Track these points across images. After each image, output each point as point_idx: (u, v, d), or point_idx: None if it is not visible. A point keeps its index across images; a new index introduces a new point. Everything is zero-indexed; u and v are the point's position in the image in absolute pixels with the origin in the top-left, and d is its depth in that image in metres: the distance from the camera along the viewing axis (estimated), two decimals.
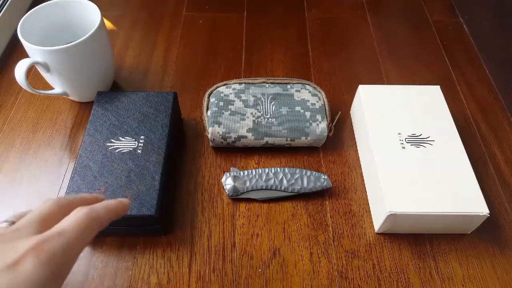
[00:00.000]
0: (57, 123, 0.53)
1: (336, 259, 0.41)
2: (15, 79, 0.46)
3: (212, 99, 0.50)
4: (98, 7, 0.50)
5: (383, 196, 0.40)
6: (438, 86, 0.51)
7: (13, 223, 0.24)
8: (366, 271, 0.41)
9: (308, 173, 0.46)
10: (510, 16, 0.57)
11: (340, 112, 0.52)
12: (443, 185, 0.41)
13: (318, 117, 0.49)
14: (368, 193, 0.46)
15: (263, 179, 0.45)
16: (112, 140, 0.44)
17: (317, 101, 0.50)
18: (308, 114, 0.49)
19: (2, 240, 0.21)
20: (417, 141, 0.45)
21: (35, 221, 0.23)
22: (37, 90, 0.49)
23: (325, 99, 0.51)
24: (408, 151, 0.44)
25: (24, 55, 0.48)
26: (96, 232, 0.24)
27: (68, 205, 0.25)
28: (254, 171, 0.46)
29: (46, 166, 0.48)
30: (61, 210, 0.25)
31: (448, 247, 0.43)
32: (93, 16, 0.50)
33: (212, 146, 0.50)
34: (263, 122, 0.48)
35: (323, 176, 0.46)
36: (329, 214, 0.45)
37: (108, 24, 0.67)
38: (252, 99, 0.50)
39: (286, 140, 0.48)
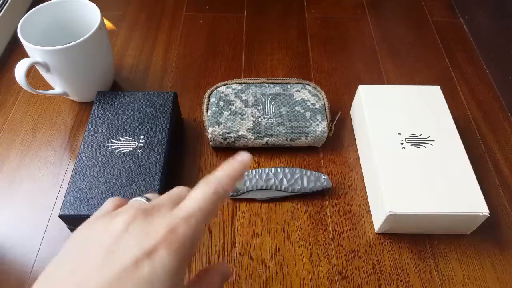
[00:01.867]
0: (57, 123, 0.53)
1: (336, 259, 0.41)
2: (15, 79, 0.46)
3: (212, 99, 0.50)
4: (98, 7, 0.50)
5: (383, 196, 0.40)
6: (438, 86, 0.51)
7: (148, 199, 0.25)
8: (366, 271, 0.41)
9: (308, 173, 0.46)
10: (510, 16, 0.57)
11: (340, 112, 0.52)
12: (443, 185, 0.41)
13: (318, 117, 0.49)
14: (368, 193, 0.46)
15: (263, 179, 0.45)
16: (112, 140, 0.44)
17: (317, 101, 0.50)
18: (308, 114, 0.49)
19: (141, 216, 0.22)
20: (417, 141, 0.45)
21: (169, 201, 0.23)
22: (37, 90, 0.49)
23: (325, 99, 0.51)
24: (408, 151, 0.44)
25: (24, 55, 0.48)
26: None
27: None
28: (254, 171, 0.46)
29: (46, 166, 0.48)
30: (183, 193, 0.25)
31: (448, 247, 0.43)
32: (93, 16, 0.50)
33: (212, 146, 0.50)
34: (263, 122, 0.48)
35: (323, 176, 0.46)
36: (329, 214, 0.45)
37: (108, 24, 0.67)
38: (252, 99, 0.50)
39: (286, 140, 0.48)
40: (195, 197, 0.23)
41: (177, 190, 0.25)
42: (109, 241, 0.21)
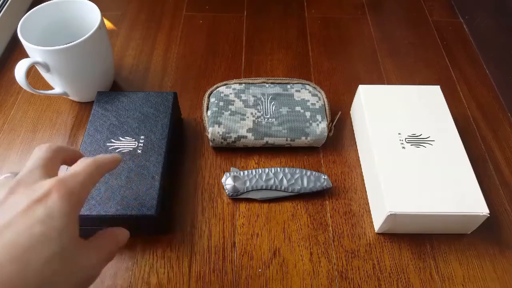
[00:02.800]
0: (57, 123, 0.53)
1: (336, 259, 0.41)
2: (15, 79, 0.46)
3: (212, 99, 0.50)
4: (98, 7, 0.50)
5: (383, 196, 0.40)
6: (438, 86, 0.51)
7: (15, 175, 0.27)
8: (366, 271, 0.41)
9: (308, 173, 0.46)
10: (510, 16, 0.57)
11: (340, 112, 0.52)
12: (443, 185, 0.41)
13: (318, 117, 0.49)
14: (368, 193, 0.46)
15: (263, 179, 0.45)
16: (112, 140, 0.44)
17: (317, 101, 0.50)
18: (308, 114, 0.49)
19: (22, 185, 0.24)
20: (417, 141, 0.45)
21: (41, 165, 0.26)
22: (37, 90, 0.49)
23: (325, 99, 0.51)
24: (408, 151, 0.44)
25: (24, 55, 0.48)
26: (101, 177, 0.29)
27: (59, 151, 0.29)
28: (254, 171, 0.46)
29: None
30: (56, 155, 0.28)
31: (448, 247, 0.43)
32: (93, 16, 0.50)
33: (212, 146, 0.50)
34: (263, 122, 0.48)
35: (323, 176, 0.46)
36: (329, 214, 0.45)
37: (108, 24, 0.67)
38: (252, 99, 0.50)
39: (286, 140, 0.48)
40: (77, 164, 0.27)
41: (41, 153, 0.28)
42: None
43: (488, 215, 0.39)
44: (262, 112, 0.49)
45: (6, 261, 0.21)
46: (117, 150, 0.43)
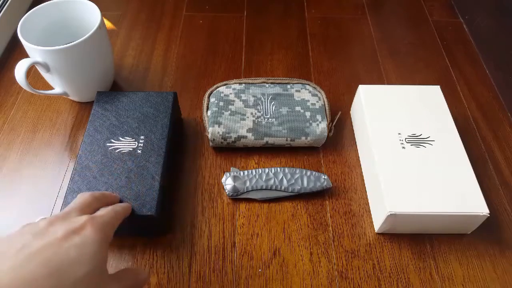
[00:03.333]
0: (57, 123, 0.53)
1: (336, 259, 0.41)
2: (15, 79, 0.46)
3: (212, 99, 0.50)
4: (98, 7, 0.50)
5: (383, 196, 0.40)
6: (438, 86, 0.51)
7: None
8: (366, 271, 0.41)
9: (308, 173, 0.46)
10: (510, 16, 0.57)
11: (340, 112, 0.52)
12: (443, 185, 0.41)
13: (318, 117, 0.49)
14: (368, 193, 0.46)
15: (263, 179, 0.45)
16: (112, 140, 0.44)
17: (317, 101, 0.50)
18: (308, 114, 0.49)
19: (60, 220, 0.28)
20: (417, 141, 0.45)
21: (77, 209, 0.30)
22: (37, 90, 0.49)
23: (325, 99, 0.51)
24: (408, 151, 0.44)
25: (24, 55, 0.48)
26: (120, 220, 0.33)
27: (99, 198, 0.34)
28: (254, 171, 0.46)
29: (46, 166, 0.48)
30: (94, 201, 0.33)
31: (448, 247, 0.43)
32: (93, 16, 0.50)
33: (212, 146, 0.50)
34: (263, 122, 0.48)
35: (323, 176, 0.46)
36: (329, 214, 0.45)
37: (108, 24, 0.67)
38: (252, 99, 0.50)
39: (286, 140, 0.48)
40: (102, 209, 0.32)
41: (82, 197, 0.33)
42: (34, 230, 0.26)
43: (488, 215, 0.39)
44: (262, 112, 0.49)
45: (42, 276, 0.23)
46: (117, 150, 0.43)
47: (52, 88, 0.52)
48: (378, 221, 0.42)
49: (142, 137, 0.45)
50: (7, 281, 0.22)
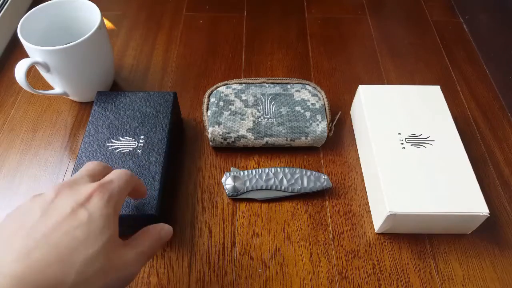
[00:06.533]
0: (57, 123, 0.53)
1: (336, 259, 0.41)
2: (15, 79, 0.46)
3: (212, 99, 0.50)
4: (98, 7, 0.50)
5: (383, 196, 0.40)
6: (438, 86, 0.51)
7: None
8: (366, 271, 0.41)
9: (308, 173, 0.46)
10: (510, 16, 0.57)
11: (340, 112, 0.52)
12: (443, 185, 0.41)
13: (318, 117, 0.49)
14: (368, 193, 0.46)
15: (263, 179, 0.45)
16: (112, 140, 0.44)
17: (317, 101, 0.50)
18: (308, 114, 0.49)
19: (67, 188, 0.27)
20: (417, 141, 0.45)
21: (85, 175, 0.29)
22: (37, 90, 0.49)
23: (325, 99, 0.51)
24: (408, 151, 0.44)
25: (24, 55, 0.48)
26: (130, 188, 0.31)
27: (106, 167, 0.32)
28: (254, 171, 0.46)
29: (46, 166, 0.48)
30: (103, 169, 0.31)
31: (448, 247, 0.43)
32: (93, 16, 0.50)
33: (212, 146, 0.50)
34: (263, 122, 0.48)
35: (323, 176, 0.46)
36: (329, 214, 0.45)
37: (108, 24, 0.67)
38: (252, 99, 0.50)
39: (286, 140, 0.48)
40: (112, 173, 0.30)
41: (90, 165, 0.31)
42: (40, 205, 0.25)
43: (488, 215, 0.39)
44: (262, 112, 0.49)
45: (53, 261, 0.23)
46: (117, 150, 0.43)
47: (52, 88, 0.52)
48: (378, 221, 0.42)
49: (142, 137, 0.45)
50: (20, 270, 0.22)
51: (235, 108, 0.49)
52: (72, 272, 0.24)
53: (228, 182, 0.45)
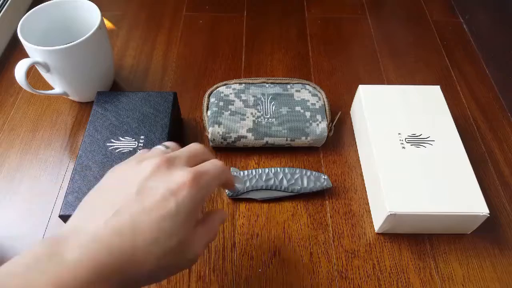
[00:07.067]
0: (57, 123, 0.53)
1: (336, 259, 0.41)
2: (15, 79, 0.46)
3: (212, 99, 0.50)
4: (98, 7, 0.50)
5: (383, 196, 0.40)
6: (438, 86, 0.51)
7: (166, 147, 0.32)
8: (366, 271, 0.41)
9: (308, 173, 0.46)
10: (510, 16, 0.57)
11: (340, 112, 0.52)
12: (443, 185, 0.41)
13: (318, 117, 0.49)
14: (368, 193, 0.46)
15: (263, 179, 0.45)
16: (112, 140, 0.44)
17: (317, 101, 0.50)
18: (308, 114, 0.49)
19: (164, 167, 0.27)
20: (417, 141, 0.45)
21: (186, 156, 0.30)
22: (37, 90, 0.49)
23: (325, 99, 0.51)
24: (408, 151, 0.44)
25: (24, 55, 0.48)
26: (222, 181, 0.31)
27: (207, 153, 0.32)
28: (254, 171, 0.46)
29: (46, 166, 0.48)
30: (203, 155, 0.31)
31: (448, 247, 0.43)
32: (93, 16, 0.50)
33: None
34: (263, 122, 0.48)
35: (323, 176, 0.46)
36: (329, 214, 0.45)
37: (108, 24, 0.67)
38: (252, 99, 0.50)
39: (286, 140, 0.48)
40: (209, 162, 0.30)
41: (195, 147, 0.32)
42: (140, 177, 0.27)
43: (488, 215, 0.39)
44: (262, 112, 0.49)
45: (140, 245, 0.24)
46: (117, 150, 0.43)
47: (52, 88, 0.52)
48: (378, 221, 0.42)
49: (142, 137, 0.45)
50: (108, 240, 0.24)
51: (235, 108, 0.49)
52: (151, 259, 0.25)
53: None
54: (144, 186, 0.26)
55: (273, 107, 0.49)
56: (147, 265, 0.25)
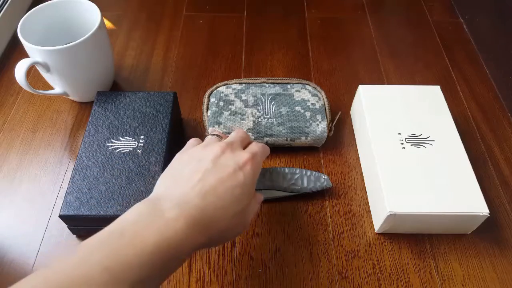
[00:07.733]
0: (57, 123, 0.53)
1: (336, 259, 0.41)
2: (15, 79, 0.46)
3: (212, 99, 0.50)
4: (98, 7, 0.50)
5: (383, 196, 0.40)
6: (438, 86, 0.51)
7: (217, 135, 0.38)
8: (366, 271, 0.41)
9: (308, 173, 0.46)
10: (510, 16, 0.57)
11: (340, 112, 0.52)
12: (443, 185, 0.41)
13: (318, 117, 0.49)
14: (368, 193, 0.46)
15: (263, 179, 0.45)
16: (112, 140, 0.44)
17: (317, 101, 0.50)
18: (308, 114, 0.49)
19: (229, 149, 0.34)
20: (417, 141, 0.45)
21: (240, 141, 0.36)
22: (37, 90, 0.49)
23: (325, 99, 0.51)
24: (408, 151, 0.44)
25: (24, 55, 0.48)
26: (263, 159, 0.37)
27: (248, 137, 0.39)
28: None
29: (46, 166, 0.48)
30: (246, 139, 0.38)
31: (448, 247, 0.43)
32: (93, 16, 0.50)
33: None
34: (263, 122, 0.48)
35: (323, 176, 0.46)
36: (329, 214, 0.45)
37: (108, 24, 0.67)
38: (252, 99, 0.50)
39: (286, 140, 0.48)
40: (255, 145, 0.36)
41: (241, 133, 0.38)
42: (212, 156, 0.32)
43: (488, 215, 0.39)
44: (262, 112, 0.49)
45: (219, 207, 0.30)
46: (117, 150, 0.43)
47: (52, 88, 0.52)
48: (378, 221, 0.42)
49: (142, 137, 0.45)
50: (200, 205, 0.29)
51: (235, 108, 0.49)
52: (226, 219, 0.30)
53: None
54: (217, 163, 0.32)
55: (273, 107, 0.49)
56: (223, 222, 0.30)
